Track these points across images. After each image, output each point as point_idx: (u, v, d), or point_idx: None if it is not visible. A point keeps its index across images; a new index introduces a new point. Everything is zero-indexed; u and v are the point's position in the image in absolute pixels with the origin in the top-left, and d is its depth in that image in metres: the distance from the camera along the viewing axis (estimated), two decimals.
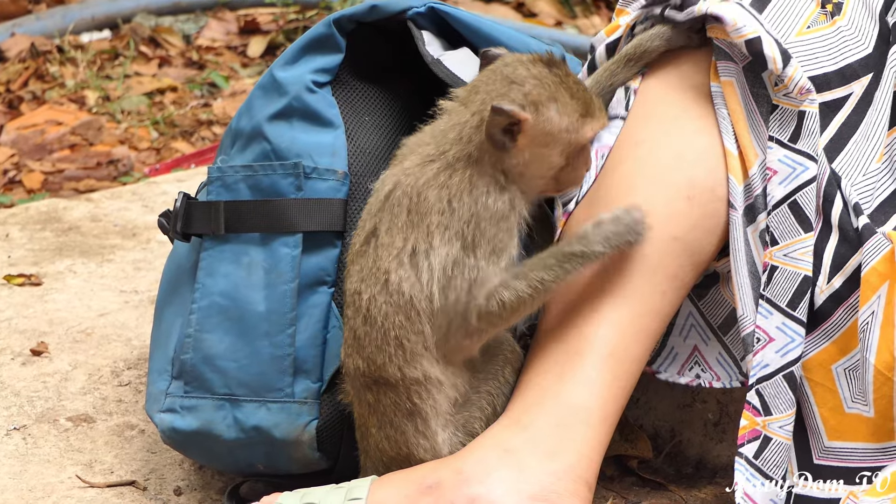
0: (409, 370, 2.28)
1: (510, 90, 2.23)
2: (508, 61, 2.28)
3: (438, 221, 2.23)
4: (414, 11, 2.53)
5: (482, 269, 2.22)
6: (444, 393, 2.31)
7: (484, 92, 2.26)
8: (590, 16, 5.90)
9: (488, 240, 2.23)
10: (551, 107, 2.23)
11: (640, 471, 2.61)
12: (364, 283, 2.27)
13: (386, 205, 2.26)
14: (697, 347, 2.51)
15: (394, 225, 2.25)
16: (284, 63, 2.52)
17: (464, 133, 2.25)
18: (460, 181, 2.24)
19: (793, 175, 2.33)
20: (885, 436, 2.25)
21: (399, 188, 2.26)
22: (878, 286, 2.24)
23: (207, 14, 5.73)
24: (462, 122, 2.26)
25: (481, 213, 2.23)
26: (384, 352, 2.27)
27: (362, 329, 2.28)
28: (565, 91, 2.25)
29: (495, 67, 2.28)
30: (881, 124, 2.44)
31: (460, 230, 2.23)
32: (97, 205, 3.76)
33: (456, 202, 2.23)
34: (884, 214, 2.38)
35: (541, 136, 2.24)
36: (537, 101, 2.23)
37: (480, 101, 2.25)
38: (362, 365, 2.30)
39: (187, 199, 2.51)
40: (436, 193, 2.24)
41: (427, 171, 2.25)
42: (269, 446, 2.43)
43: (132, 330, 3.10)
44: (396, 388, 2.29)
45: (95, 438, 2.72)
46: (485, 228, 2.23)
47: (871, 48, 2.46)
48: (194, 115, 4.98)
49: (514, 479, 2.23)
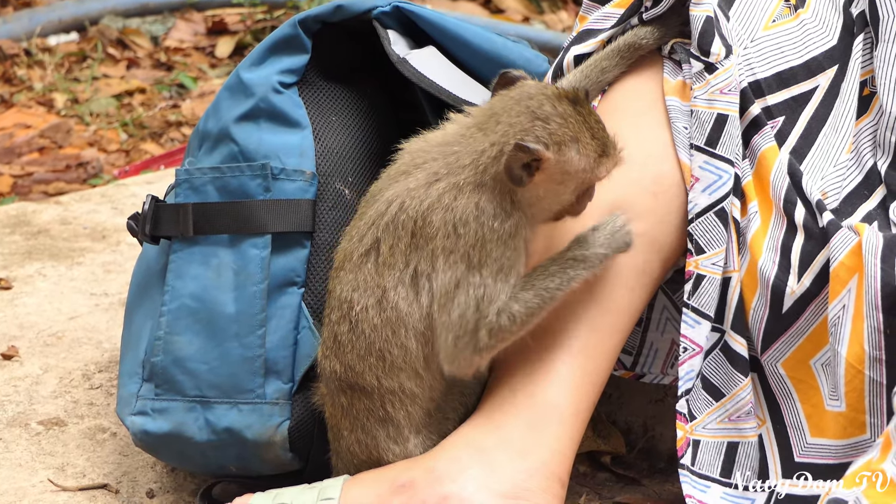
0: (387, 381, 2.28)
1: (534, 126, 2.18)
2: (533, 93, 2.21)
3: (443, 246, 2.20)
4: (379, 11, 2.53)
5: (489, 287, 2.20)
6: (417, 404, 2.31)
7: (506, 123, 2.20)
8: (557, 11, 5.91)
9: (495, 259, 2.20)
10: (573, 147, 2.18)
11: (613, 466, 2.61)
12: (357, 293, 2.26)
13: (391, 224, 2.23)
14: (675, 341, 2.51)
15: (396, 246, 2.22)
16: (251, 64, 2.52)
17: (480, 162, 2.20)
18: (465, 206, 2.19)
19: (718, 183, 2.34)
20: (858, 429, 2.26)
21: (404, 211, 2.21)
22: (847, 280, 2.25)
23: (175, 15, 5.72)
24: (479, 151, 2.20)
25: (487, 236, 2.19)
26: (365, 361, 2.27)
27: (346, 336, 2.27)
28: (587, 131, 2.20)
29: (518, 97, 2.22)
30: (849, 116, 2.45)
31: (466, 253, 2.20)
32: (66, 208, 3.74)
33: (462, 228, 2.19)
34: (851, 206, 2.39)
35: (558, 174, 2.20)
36: (561, 140, 2.18)
37: (502, 133, 2.19)
38: (339, 369, 2.29)
39: (155, 201, 2.50)
40: (440, 217, 2.20)
41: (432, 193, 2.21)
42: (241, 447, 2.42)
43: (103, 333, 3.09)
44: (371, 396, 2.29)
45: (67, 442, 2.72)
46: (491, 249, 2.20)
47: (835, 40, 2.47)
48: (163, 117, 4.97)
49: (486, 477, 2.23)
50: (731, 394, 2.35)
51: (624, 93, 2.45)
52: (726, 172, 2.35)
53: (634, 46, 2.43)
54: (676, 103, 2.39)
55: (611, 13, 2.47)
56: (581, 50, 2.47)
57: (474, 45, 2.59)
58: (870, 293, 2.21)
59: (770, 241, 2.33)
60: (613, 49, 2.44)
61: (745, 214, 2.36)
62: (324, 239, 2.44)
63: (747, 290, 2.34)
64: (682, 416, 2.33)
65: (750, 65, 2.42)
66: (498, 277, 2.20)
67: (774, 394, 2.37)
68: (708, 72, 2.37)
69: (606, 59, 2.44)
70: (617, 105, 2.44)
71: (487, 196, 2.19)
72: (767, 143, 2.37)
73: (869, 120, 2.45)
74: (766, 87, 2.42)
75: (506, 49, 2.61)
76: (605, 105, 2.45)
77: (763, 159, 2.37)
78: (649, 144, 2.39)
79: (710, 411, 2.35)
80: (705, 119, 2.36)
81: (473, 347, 2.23)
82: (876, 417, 2.22)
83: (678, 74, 2.41)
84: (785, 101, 2.42)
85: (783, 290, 2.31)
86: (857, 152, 2.43)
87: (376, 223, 2.24)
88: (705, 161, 2.35)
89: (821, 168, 2.39)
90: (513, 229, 2.20)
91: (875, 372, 2.21)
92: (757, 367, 2.37)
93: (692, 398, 2.34)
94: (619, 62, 2.44)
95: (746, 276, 2.34)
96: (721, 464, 2.35)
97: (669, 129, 2.38)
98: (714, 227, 2.34)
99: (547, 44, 5.07)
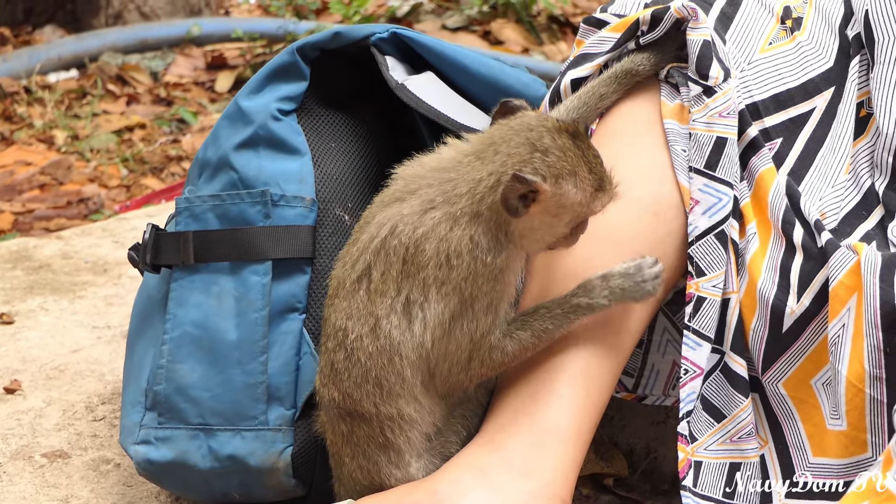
0: (385, 407, 2.28)
1: (533, 158, 2.18)
2: (533, 124, 2.21)
3: (435, 276, 2.21)
4: (377, 37, 2.54)
5: (480, 321, 2.22)
6: (417, 429, 2.31)
7: (505, 153, 2.19)
8: (556, 42, 5.93)
9: (485, 293, 2.21)
10: (570, 180, 2.18)
11: (616, 489, 2.61)
12: (351, 321, 2.26)
13: (382, 250, 2.23)
14: (676, 363, 2.52)
15: (388, 273, 2.22)
16: (249, 92, 2.53)
17: (477, 191, 2.19)
18: (461, 238, 2.19)
19: (718, 205, 2.35)
20: (859, 448, 2.26)
21: (396, 237, 2.22)
22: (846, 299, 2.25)
23: (174, 51, 5.75)
24: (476, 180, 2.20)
25: (479, 271, 2.20)
26: (362, 388, 2.27)
27: (343, 364, 2.28)
28: (585, 165, 2.20)
29: (518, 127, 2.21)
30: (846, 137, 2.46)
31: (458, 286, 2.20)
32: (67, 242, 3.75)
33: (455, 259, 2.19)
34: (849, 226, 2.40)
35: (554, 207, 2.20)
36: (559, 173, 2.18)
37: (500, 163, 2.19)
38: (338, 397, 2.30)
39: (156, 230, 2.51)
40: (434, 247, 2.20)
41: (426, 220, 2.20)
42: (245, 474, 2.43)
43: (105, 365, 3.09)
44: (370, 422, 2.29)
45: (71, 474, 2.72)
46: (482, 284, 2.20)
47: (831, 62, 2.48)
48: (163, 152, 4.99)
49: (489, 498, 2.23)
50: (732, 415, 2.35)
51: (621, 116, 2.46)
52: (726, 195, 2.35)
53: (632, 73, 2.44)
54: (675, 126, 2.40)
55: (607, 37, 2.48)
56: (577, 74, 2.48)
57: (472, 70, 2.60)
58: (869, 312, 2.22)
59: (769, 261, 2.34)
60: (611, 75, 2.45)
61: (743, 236, 2.37)
62: (324, 265, 2.45)
63: (746, 310, 2.34)
64: (683, 438, 2.33)
65: (747, 87, 2.43)
66: (488, 311, 2.22)
67: (776, 414, 2.37)
68: (706, 95, 2.38)
69: (604, 86, 2.44)
70: (615, 128, 2.45)
71: (483, 228, 2.20)
72: (765, 165, 2.38)
73: (866, 141, 2.46)
74: (764, 110, 2.43)
75: (503, 74, 2.62)
76: (603, 129, 2.46)
77: (761, 181, 2.38)
78: (648, 166, 2.39)
79: (712, 433, 2.35)
80: (704, 142, 2.36)
81: (465, 375, 2.26)
82: (877, 436, 2.22)
83: (676, 98, 2.42)
84: (782, 122, 2.43)
85: (783, 310, 2.31)
86: (855, 173, 2.44)
87: (367, 248, 2.25)
88: (705, 184, 2.36)
89: (819, 189, 2.40)
90: (504, 263, 2.21)
91: (875, 390, 2.21)
92: (758, 387, 2.37)
93: (693, 420, 2.34)
94: (616, 88, 2.45)
95: (745, 297, 2.34)
96: (723, 484, 2.35)
97: (668, 151, 2.39)
98: (714, 250, 2.35)
99: (546, 74, 5.09)
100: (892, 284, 2.21)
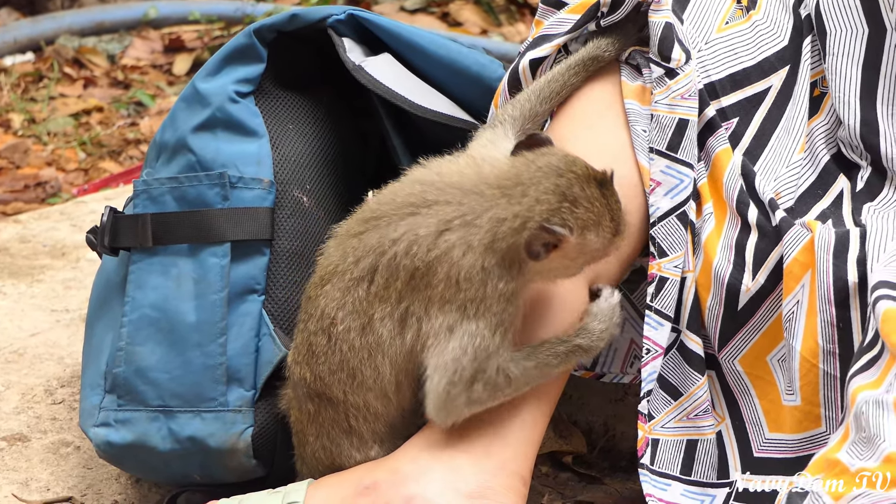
0: (353, 397, 2.28)
1: (562, 208, 2.16)
2: (562, 169, 2.18)
3: (441, 295, 2.19)
4: (334, 19, 2.54)
5: (486, 338, 2.19)
6: (381, 421, 2.32)
7: (534, 198, 2.16)
8: (514, 23, 5.94)
9: (494, 313, 2.19)
10: (594, 230, 2.18)
11: (575, 466, 2.62)
12: (342, 312, 2.24)
13: (392, 263, 2.20)
14: (634, 341, 2.54)
15: (392, 284, 2.21)
16: (206, 74, 2.53)
17: (500, 231, 2.17)
18: (472, 264, 2.17)
19: (680, 187, 2.37)
20: (813, 423, 2.28)
21: (409, 257, 2.19)
22: (800, 276, 2.27)
23: (131, 33, 5.72)
24: (500, 219, 2.16)
25: (489, 294, 2.18)
26: (336, 375, 2.27)
27: (322, 348, 2.27)
28: (608, 214, 2.19)
29: (547, 170, 2.18)
30: (800, 116, 2.47)
31: (463, 305, 2.18)
32: (25, 226, 3.74)
33: (464, 283, 2.18)
34: (805, 205, 2.41)
35: (573, 253, 2.19)
36: (585, 225, 2.17)
37: (528, 207, 2.16)
38: (309, 377, 2.30)
39: (114, 213, 2.51)
40: (445, 270, 2.18)
41: (440, 244, 2.18)
42: (205, 456, 2.43)
43: (64, 348, 3.09)
44: (337, 407, 2.30)
45: (31, 457, 2.71)
46: (491, 305, 2.19)
47: (786, 40, 2.49)
48: (121, 135, 4.97)
49: (449, 476, 2.24)
50: (688, 393, 2.37)
51: (582, 98, 2.47)
52: (687, 176, 2.37)
53: (598, 59, 2.43)
54: (636, 107, 2.41)
55: (566, 18, 2.49)
56: (536, 55, 2.48)
57: (429, 52, 2.60)
58: (822, 288, 2.24)
59: (724, 240, 2.36)
60: (577, 62, 2.44)
61: (699, 216, 2.39)
62: (283, 246, 2.45)
63: (702, 289, 2.36)
64: (642, 417, 2.35)
65: (704, 67, 2.44)
66: (497, 331, 2.19)
67: (732, 391, 2.39)
68: (668, 77, 2.39)
69: (572, 75, 2.43)
70: (575, 109, 2.46)
71: (497, 260, 2.18)
72: (721, 146, 2.40)
73: (821, 119, 2.47)
74: (721, 89, 2.44)
75: (460, 55, 2.62)
76: (564, 110, 2.47)
77: (717, 161, 2.39)
78: (607, 146, 2.40)
79: (668, 410, 2.37)
80: (666, 124, 2.38)
81: (466, 399, 2.22)
82: (830, 410, 2.25)
83: (637, 79, 2.43)
84: (739, 102, 2.45)
85: (738, 287, 2.33)
86: (811, 151, 2.46)
87: (377, 256, 2.21)
88: (667, 165, 2.37)
89: (774, 169, 2.42)
90: (514, 290, 2.20)
91: (829, 365, 2.24)
92: (714, 365, 2.39)
93: (651, 398, 2.36)
94: (584, 75, 2.45)
95: (701, 276, 2.36)
96: (681, 461, 2.37)
97: (628, 131, 2.40)
98: (676, 231, 2.36)
99: (505, 55, 5.09)
100: (845, 261, 2.23)
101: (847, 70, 2.43)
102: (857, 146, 2.42)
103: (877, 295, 2.09)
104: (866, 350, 2.08)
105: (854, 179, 2.43)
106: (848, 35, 2.43)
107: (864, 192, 2.41)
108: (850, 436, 2.01)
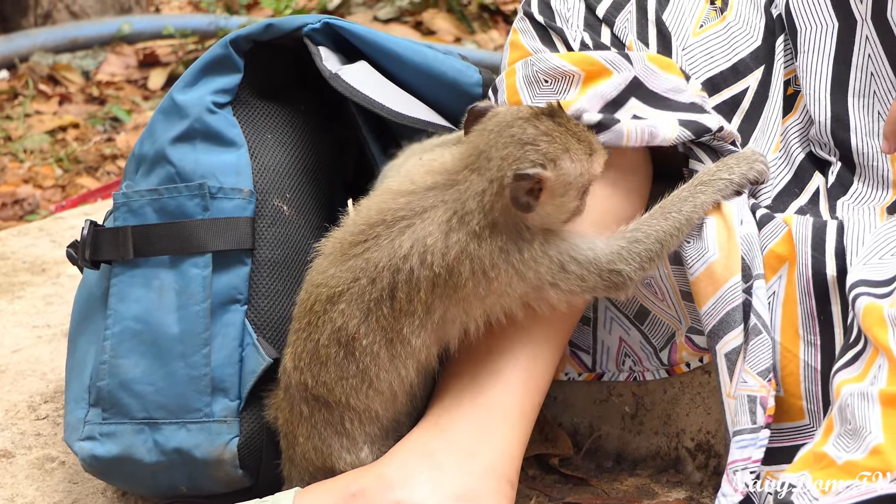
0: (357, 400, 2.29)
1: (525, 152, 2.19)
2: (509, 119, 2.22)
3: (476, 292, 2.22)
4: (310, 28, 2.55)
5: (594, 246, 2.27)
6: (377, 424, 2.33)
7: (498, 157, 2.20)
8: (488, 31, 5.95)
9: (551, 258, 2.24)
10: (565, 158, 2.20)
11: (561, 468, 2.63)
12: (365, 327, 2.25)
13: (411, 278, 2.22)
14: (623, 339, 2.55)
15: (414, 296, 2.22)
16: (184, 86, 2.53)
17: (485, 201, 2.20)
18: (490, 251, 2.21)
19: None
20: (797, 415, 2.29)
21: (427, 268, 2.21)
22: (778, 267, 2.29)
23: (106, 49, 5.72)
24: (480, 192, 2.20)
25: (527, 264, 2.22)
26: (347, 381, 2.28)
27: (335, 357, 2.27)
28: (572, 138, 2.22)
29: (498, 128, 2.22)
30: (775, 115, 2.49)
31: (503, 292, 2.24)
32: (4, 243, 3.73)
33: (492, 272, 2.21)
34: (782, 203, 2.43)
35: (560, 188, 2.21)
36: (554, 157, 2.19)
37: (497, 168, 2.19)
38: (311, 382, 2.30)
39: (94, 226, 2.51)
40: (468, 267, 2.21)
41: (451, 244, 2.21)
42: (191, 467, 2.43)
43: (47, 364, 3.08)
44: (333, 410, 2.31)
45: (15, 473, 2.71)
46: (540, 263, 2.23)
47: (759, 40, 2.51)
48: (98, 151, 4.97)
49: (436, 480, 2.25)
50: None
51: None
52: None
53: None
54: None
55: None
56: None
57: (405, 58, 2.61)
58: (802, 280, 2.26)
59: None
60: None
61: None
62: (264, 256, 2.45)
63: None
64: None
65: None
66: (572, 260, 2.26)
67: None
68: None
69: None
70: None
71: (506, 235, 2.21)
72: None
73: (795, 118, 2.49)
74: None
75: (436, 61, 2.63)
76: None
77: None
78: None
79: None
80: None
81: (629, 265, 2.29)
82: (812, 403, 2.26)
83: None
84: (717, 105, 2.47)
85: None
86: (786, 150, 2.47)
87: (393, 274, 2.23)
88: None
89: None
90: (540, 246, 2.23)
91: (809, 356, 2.25)
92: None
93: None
94: None
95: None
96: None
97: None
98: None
99: (479, 63, 5.09)
100: (824, 253, 2.25)
101: (818, 66, 2.44)
102: (827, 143, 2.44)
103: (855, 292, 2.11)
104: (851, 346, 2.09)
105: (827, 175, 2.45)
106: (818, 31, 2.45)
107: (836, 187, 2.43)
108: (835, 428, 2.02)
